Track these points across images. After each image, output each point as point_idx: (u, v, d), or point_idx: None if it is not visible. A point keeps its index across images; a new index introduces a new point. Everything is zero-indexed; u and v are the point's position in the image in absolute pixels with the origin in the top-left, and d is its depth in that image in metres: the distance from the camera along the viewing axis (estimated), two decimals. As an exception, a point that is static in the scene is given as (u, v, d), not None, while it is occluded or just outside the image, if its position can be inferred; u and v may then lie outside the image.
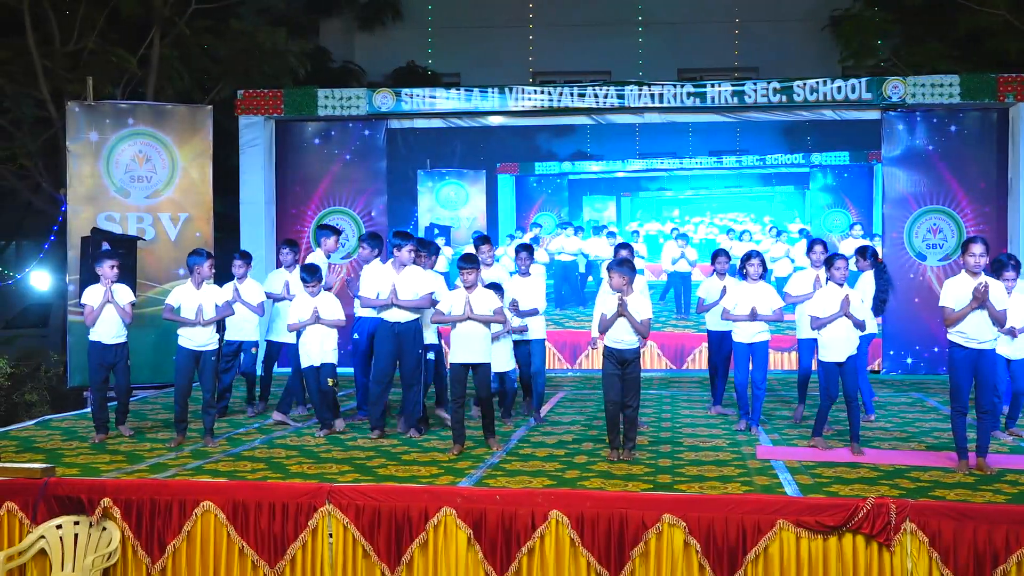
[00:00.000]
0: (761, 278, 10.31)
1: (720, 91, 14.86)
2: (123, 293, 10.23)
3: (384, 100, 15.31)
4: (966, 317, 8.26)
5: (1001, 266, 9.64)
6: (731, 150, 24.30)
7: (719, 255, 11.44)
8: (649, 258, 22.27)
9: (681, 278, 19.50)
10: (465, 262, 9.48)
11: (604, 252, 19.74)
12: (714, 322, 11.27)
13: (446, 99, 15.33)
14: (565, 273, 20.77)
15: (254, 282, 11.64)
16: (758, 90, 14.79)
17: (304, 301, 10.23)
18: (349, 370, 11.42)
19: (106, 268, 10.13)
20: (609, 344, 9.00)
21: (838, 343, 9.14)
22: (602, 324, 9.05)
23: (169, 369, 12.72)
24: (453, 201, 23.98)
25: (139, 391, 13.27)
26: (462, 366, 9.36)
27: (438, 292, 10.11)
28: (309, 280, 10.17)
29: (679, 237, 20.05)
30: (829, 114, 15.12)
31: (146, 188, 14.29)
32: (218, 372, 10.93)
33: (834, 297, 9.22)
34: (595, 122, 15.80)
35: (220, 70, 18.69)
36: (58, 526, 7.69)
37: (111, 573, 7.75)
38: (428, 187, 24.07)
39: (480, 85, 15.56)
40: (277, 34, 18.49)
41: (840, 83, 14.71)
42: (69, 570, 7.60)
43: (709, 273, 11.79)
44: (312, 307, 10.12)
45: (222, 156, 15.74)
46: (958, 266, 10.49)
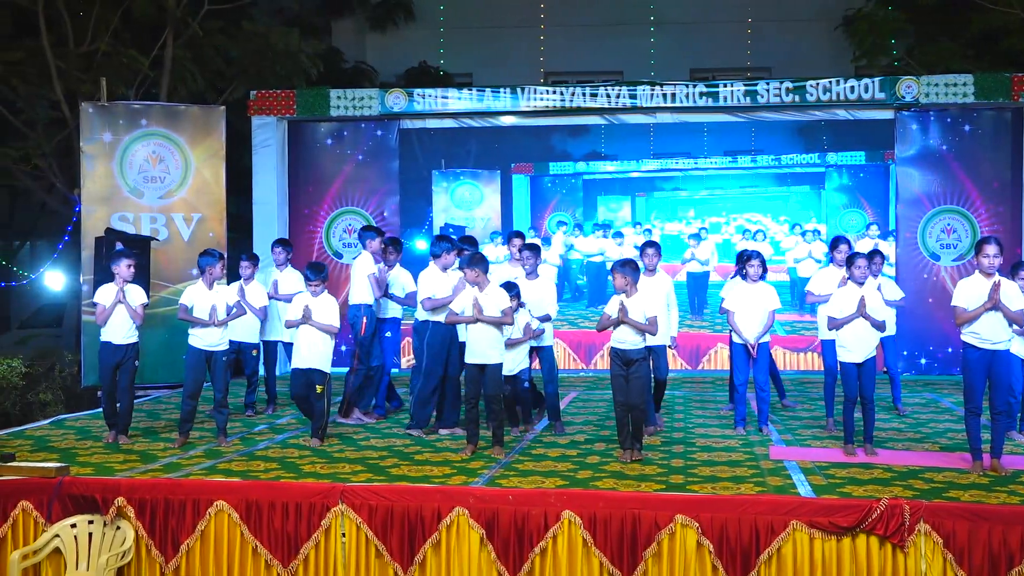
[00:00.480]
0: (761, 278, 10.23)
1: (733, 91, 14.85)
2: (136, 294, 10.16)
3: (396, 100, 15.33)
4: (980, 317, 8.23)
5: (1020, 267, 9.59)
6: (746, 150, 24.19)
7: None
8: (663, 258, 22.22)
9: (693, 279, 19.44)
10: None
11: (610, 252, 19.79)
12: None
13: (458, 99, 15.35)
14: (599, 274, 20.75)
15: (259, 284, 11.63)
16: (771, 90, 14.77)
17: (304, 300, 9.97)
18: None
19: (122, 267, 10.07)
20: (614, 344, 9.00)
21: (856, 344, 9.10)
22: (602, 323, 9.06)
23: (182, 368, 12.81)
24: (468, 201, 23.87)
25: (152, 391, 13.32)
26: (475, 366, 9.34)
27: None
28: (312, 279, 9.89)
29: (691, 237, 19.97)
30: (842, 114, 15.10)
31: (159, 188, 14.35)
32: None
33: (851, 297, 9.18)
34: (608, 122, 15.81)
35: (233, 71, 18.73)
36: (72, 525, 7.72)
37: (125, 572, 7.77)
38: (443, 187, 23.99)
39: (492, 85, 15.58)
40: (290, 35, 18.52)
41: (853, 83, 14.68)
42: (84, 569, 7.62)
43: (732, 274, 11.61)
44: (303, 305, 9.82)
45: (235, 157, 15.79)
46: (972, 266, 10.49)
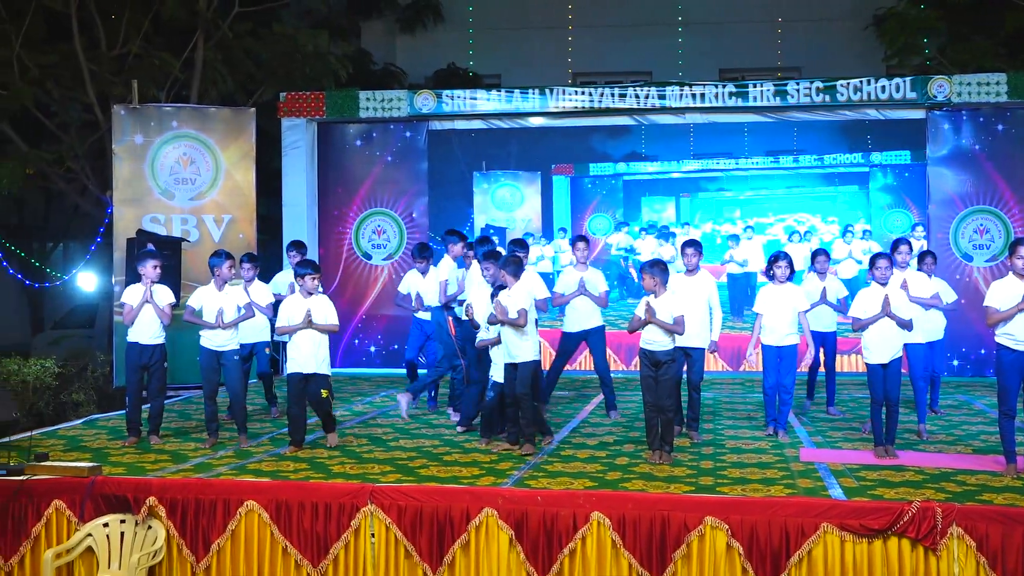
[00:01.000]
0: (788, 279, 10.17)
1: (762, 91, 14.78)
2: (163, 294, 10.14)
3: (425, 102, 15.36)
4: (1013, 319, 8.15)
5: None
6: (787, 150, 23.96)
7: (818, 255, 11.47)
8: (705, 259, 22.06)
9: (733, 280, 19.32)
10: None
11: (648, 251, 19.75)
12: (812, 323, 11.14)
13: (487, 100, 15.37)
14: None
15: (261, 284, 11.52)
16: (801, 90, 14.69)
17: (296, 302, 9.60)
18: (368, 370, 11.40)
19: (148, 268, 10.04)
20: (643, 345, 8.99)
21: (881, 344, 9.04)
22: (632, 325, 9.06)
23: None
24: (508, 203, 23.77)
25: (183, 391, 13.40)
26: (508, 365, 9.47)
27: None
28: (312, 273, 9.53)
29: (730, 238, 19.81)
30: (873, 114, 15.01)
31: (190, 190, 14.44)
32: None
33: (875, 297, 9.13)
34: (637, 123, 15.77)
35: (263, 73, 18.82)
36: (105, 524, 7.78)
37: (157, 571, 7.83)
38: (483, 188, 23.87)
39: (521, 86, 15.58)
40: (319, 37, 18.59)
41: (884, 82, 14.57)
42: (116, 568, 7.68)
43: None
44: (304, 309, 9.48)
45: (265, 158, 15.88)
46: (1005, 267, 10.37)
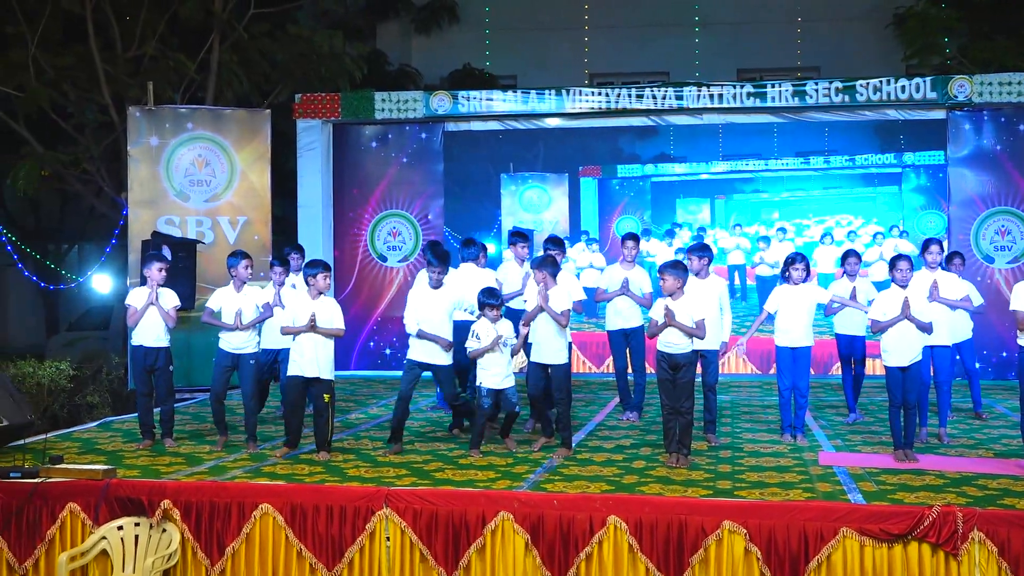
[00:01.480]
0: (804, 281, 10.11)
1: (781, 91, 14.71)
2: (168, 297, 10.06)
3: (441, 103, 15.36)
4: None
5: None
6: (818, 150, 23.74)
7: (849, 256, 11.29)
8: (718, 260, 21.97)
9: (762, 282, 19.27)
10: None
11: (664, 255, 19.64)
12: (843, 325, 11.08)
13: (503, 101, 15.34)
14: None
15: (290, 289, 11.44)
16: (819, 90, 14.61)
17: (302, 303, 9.48)
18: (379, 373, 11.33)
19: (154, 270, 9.95)
20: (661, 348, 8.98)
21: (901, 347, 8.99)
22: (652, 329, 9.04)
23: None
24: (536, 204, 23.77)
25: (199, 393, 13.42)
26: (538, 366, 9.65)
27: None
28: (323, 271, 9.39)
29: (760, 239, 19.72)
30: (893, 114, 14.93)
31: (205, 192, 14.48)
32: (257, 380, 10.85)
33: (895, 299, 9.08)
34: (654, 123, 15.72)
35: (278, 74, 18.87)
36: (119, 527, 7.80)
37: (171, 574, 7.84)
38: (511, 190, 23.93)
39: (537, 87, 15.57)
40: (334, 38, 18.61)
41: (904, 82, 14.49)
42: (130, 571, 7.70)
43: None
44: (310, 312, 9.31)
45: (280, 159, 15.91)
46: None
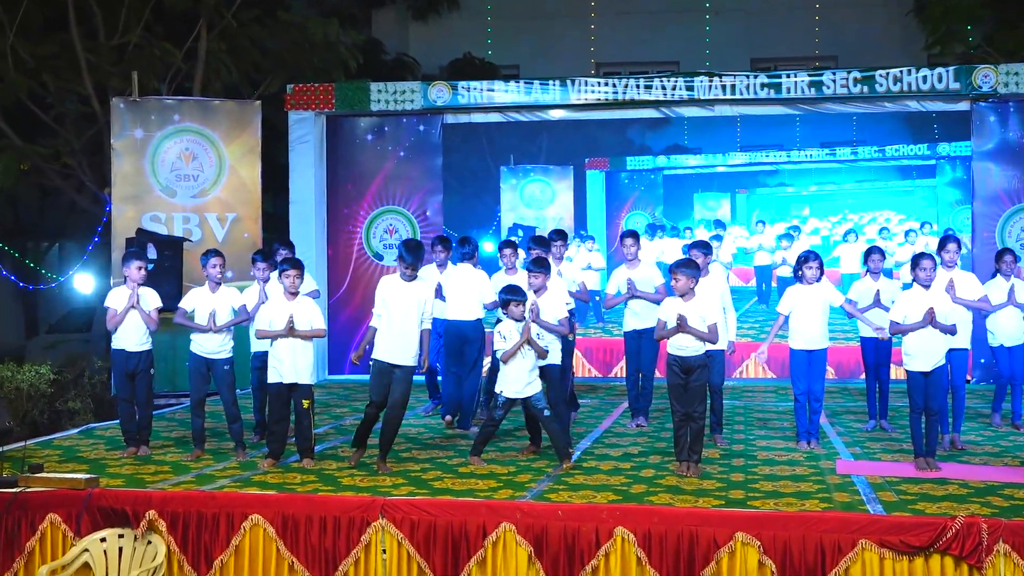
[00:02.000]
0: (817, 280, 10.09)
1: (796, 81, 14.70)
2: (150, 298, 9.99)
3: (440, 94, 15.36)
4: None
5: None
6: (846, 141, 23.36)
7: (872, 253, 11.21)
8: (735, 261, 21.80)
9: (784, 284, 19.13)
10: (536, 265, 9.77)
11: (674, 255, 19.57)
12: (868, 328, 10.99)
13: (505, 92, 15.34)
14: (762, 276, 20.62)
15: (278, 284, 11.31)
16: (837, 80, 14.61)
17: (279, 306, 9.41)
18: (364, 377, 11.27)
19: (132, 270, 9.87)
20: (672, 351, 8.95)
21: (923, 352, 8.98)
22: (660, 333, 9.04)
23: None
24: (538, 199, 23.47)
25: (185, 399, 13.42)
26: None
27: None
28: (290, 269, 9.31)
29: (783, 237, 19.60)
30: (914, 105, 14.94)
31: (192, 187, 14.51)
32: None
33: (918, 301, 9.06)
34: (663, 115, 15.74)
35: (269, 64, 18.88)
36: (102, 539, 7.80)
37: (157, 588, 7.86)
38: (511, 184, 23.62)
39: (540, 77, 15.56)
40: (328, 25, 18.64)
41: (926, 72, 14.48)
42: (114, 585, 7.71)
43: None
44: (287, 315, 9.26)
45: (271, 153, 15.92)
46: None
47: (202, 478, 8.84)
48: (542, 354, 9.31)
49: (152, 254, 12.87)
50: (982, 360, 14.27)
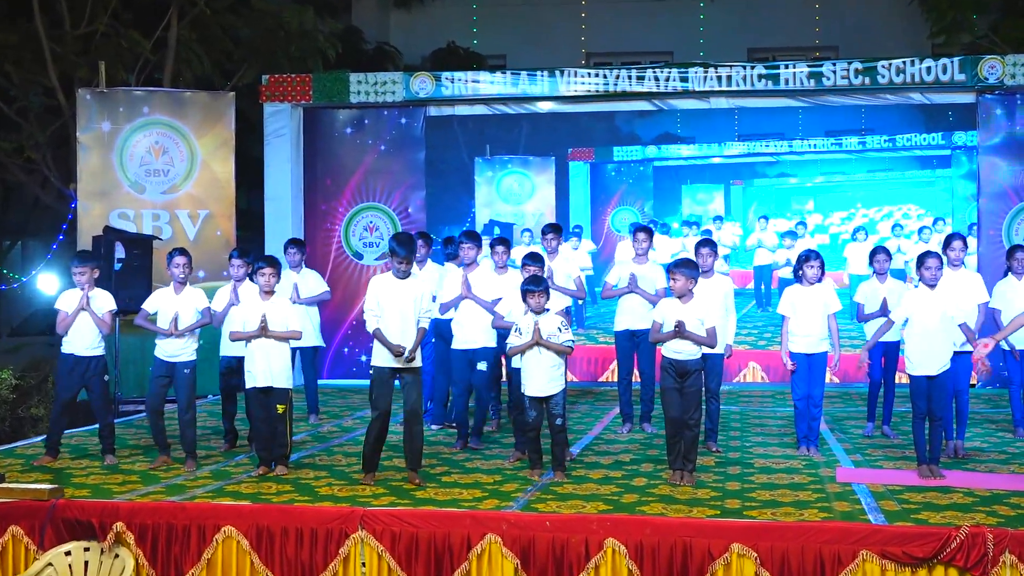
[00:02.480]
0: (818, 281, 10.10)
1: (795, 72, 14.74)
2: (102, 300, 9.95)
3: (422, 85, 15.36)
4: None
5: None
6: (853, 129, 22.73)
7: (877, 253, 11.20)
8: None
9: (783, 286, 19.08)
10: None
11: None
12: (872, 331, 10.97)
13: (491, 83, 15.34)
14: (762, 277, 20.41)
15: (252, 284, 11.31)
16: (838, 71, 14.65)
17: (252, 306, 9.40)
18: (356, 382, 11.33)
19: (78, 273, 9.79)
20: (668, 355, 8.93)
21: (928, 354, 9.00)
22: (656, 336, 9.02)
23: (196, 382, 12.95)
24: (516, 194, 22.74)
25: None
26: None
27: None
28: (265, 267, 9.28)
29: (786, 235, 19.38)
30: (917, 97, 15.01)
31: (163, 183, 14.47)
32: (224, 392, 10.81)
33: (922, 302, 9.07)
34: (656, 107, 15.75)
35: (243, 53, 18.87)
36: (67, 552, 7.75)
37: (124, 604, 7.83)
38: (487, 177, 22.94)
39: (528, 68, 15.56)
40: (305, 13, 18.64)
41: (930, 63, 14.53)
42: (79, 600, 7.68)
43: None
44: (260, 315, 9.23)
45: (245, 147, 15.90)
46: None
47: (172, 488, 8.82)
48: (563, 351, 9.07)
49: (120, 253, 12.85)
50: (988, 363, 14.29)
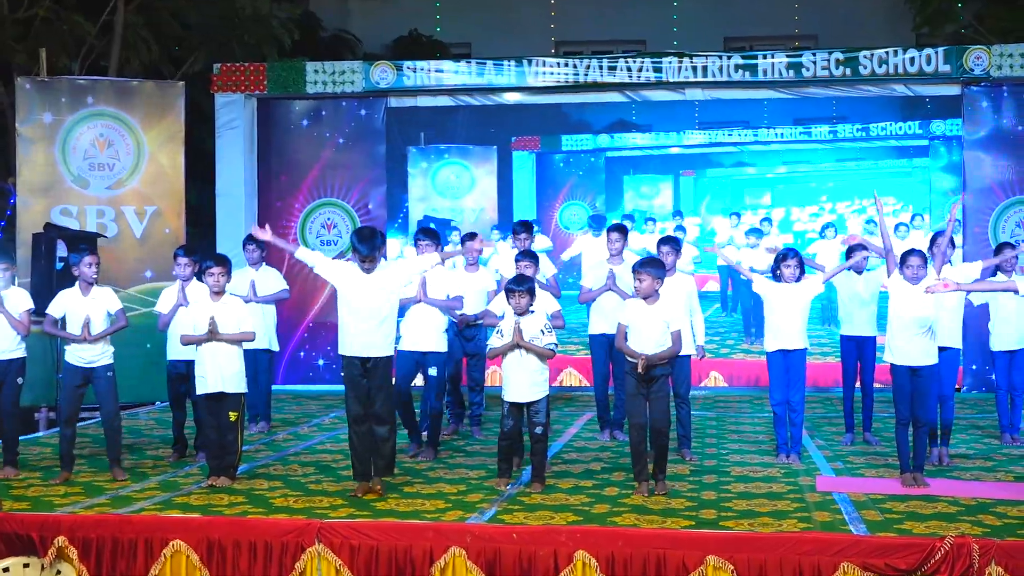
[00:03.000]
0: (797, 280, 10.13)
1: (774, 63, 14.78)
2: (18, 299, 9.82)
3: (383, 75, 15.32)
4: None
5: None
6: (823, 117, 22.35)
7: (855, 250, 11.17)
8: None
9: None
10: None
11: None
12: (849, 325, 11.12)
13: (455, 73, 15.32)
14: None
15: (199, 284, 11.18)
16: (818, 62, 14.71)
17: (202, 308, 9.35)
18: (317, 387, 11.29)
19: None
20: (632, 359, 8.91)
21: (911, 344, 9.04)
22: (621, 344, 8.98)
23: (143, 388, 12.83)
24: (454, 187, 22.06)
25: (96, 414, 13.27)
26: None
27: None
28: (214, 266, 9.25)
29: (750, 232, 19.20)
30: (900, 89, 15.06)
31: (108, 177, 14.35)
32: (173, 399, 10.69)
33: (905, 296, 9.12)
34: (628, 99, 15.77)
35: (193, 40, 18.78)
36: (5, 569, 7.71)
37: (67, 623, 7.77)
38: (421, 168, 22.21)
39: (494, 57, 15.56)
40: (259, -3, 18.58)
41: (913, 53, 14.62)
42: (18, 619, 7.62)
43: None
44: (208, 317, 9.18)
45: (196, 140, 15.82)
46: (1052, 266, 10.44)
47: (118, 500, 8.75)
48: (544, 354, 8.98)
49: (62, 251, 12.74)
50: (973, 367, 14.43)
